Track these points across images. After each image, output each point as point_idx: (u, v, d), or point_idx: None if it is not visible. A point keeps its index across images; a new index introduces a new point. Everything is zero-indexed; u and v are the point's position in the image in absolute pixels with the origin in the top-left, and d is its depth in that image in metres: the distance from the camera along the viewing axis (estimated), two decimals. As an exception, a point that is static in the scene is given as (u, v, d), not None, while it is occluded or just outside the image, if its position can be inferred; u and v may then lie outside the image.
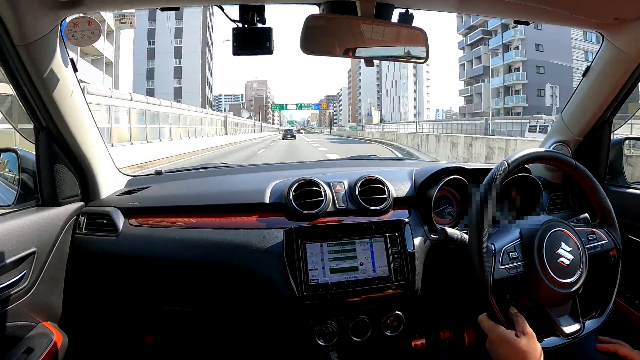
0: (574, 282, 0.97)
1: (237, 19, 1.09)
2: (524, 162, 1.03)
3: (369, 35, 1.07)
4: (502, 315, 0.95)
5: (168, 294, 1.30)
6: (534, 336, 0.92)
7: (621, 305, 1.37)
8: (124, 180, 1.50)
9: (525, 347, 0.90)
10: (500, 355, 0.93)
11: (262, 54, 1.10)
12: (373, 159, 1.98)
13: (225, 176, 1.63)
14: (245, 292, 1.23)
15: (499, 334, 0.94)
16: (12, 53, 1.00)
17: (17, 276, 1.05)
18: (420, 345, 1.31)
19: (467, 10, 1.26)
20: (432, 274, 1.21)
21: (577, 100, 1.43)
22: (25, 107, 1.13)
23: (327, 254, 1.14)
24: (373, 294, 1.14)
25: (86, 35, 1.32)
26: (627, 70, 1.26)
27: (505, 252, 0.98)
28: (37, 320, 1.15)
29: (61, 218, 1.21)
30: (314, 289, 1.11)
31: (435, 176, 1.32)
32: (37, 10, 0.98)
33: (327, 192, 1.28)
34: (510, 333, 0.93)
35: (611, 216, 1.10)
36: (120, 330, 1.42)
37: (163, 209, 1.31)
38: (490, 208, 0.97)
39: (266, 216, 1.26)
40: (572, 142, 1.48)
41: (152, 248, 1.23)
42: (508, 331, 0.93)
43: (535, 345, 0.92)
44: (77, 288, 1.26)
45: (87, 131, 1.25)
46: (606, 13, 1.13)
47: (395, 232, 1.19)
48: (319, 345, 1.14)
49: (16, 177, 1.24)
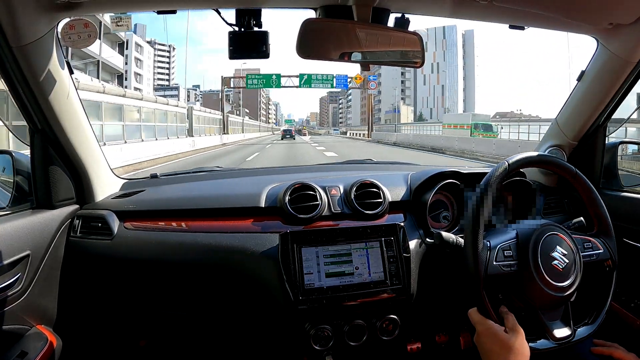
0: (567, 287, 0.98)
1: (234, 23, 1.10)
2: (524, 164, 1.04)
3: (365, 40, 1.07)
4: (492, 311, 0.96)
5: (163, 298, 1.30)
6: (522, 334, 0.93)
7: (616, 308, 1.38)
8: (119, 183, 1.50)
9: (513, 343, 0.90)
10: (487, 349, 0.93)
11: (258, 58, 1.11)
12: (369, 163, 1.98)
13: (221, 180, 1.63)
14: (240, 296, 1.22)
15: (488, 327, 0.94)
16: (8, 54, 1.00)
17: (11, 279, 1.05)
18: (415, 349, 1.30)
19: (462, 15, 1.27)
20: (428, 278, 1.21)
21: (571, 105, 1.44)
22: (20, 109, 1.12)
23: (323, 258, 1.14)
24: (368, 298, 1.14)
25: (82, 37, 1.32)
26: (622, 74, 1.27)
27: (500, 249, 0.99)
28: (31, 323, 1.14)
29: (56, 221, 1.20)
30: (310, 293, 1.11)
31: (430, 180, 1.33)
32: (33, 12, 0.98)
33: (322, 196, 1.28)
34: (500, 328, 0.93)
35: (608, 226, 1.10)
36: (115, 334, 1.42)
37: (158, 212, 1.30)
38: (486, 207, 0.97)
39: (261, 220, 1.26)
40: (567, 146, 1.49)
41: (146, 252, 1.23)
42: (497, 326, 0.94)
43: (523, 342, 0.92)
44: (72, 291, 1.25)
45: (82, 134, 1.24)
46: (601, 18, 1.14)
47: (390, 236, 1.19)
48: (315, 349, 1.14)
49: (10, 179, 1.24)
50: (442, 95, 69.29)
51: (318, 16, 1.09)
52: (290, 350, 1.26)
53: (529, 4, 1.08)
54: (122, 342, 1.44)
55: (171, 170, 1.82)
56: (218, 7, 1.15)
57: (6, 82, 1.07)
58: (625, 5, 1.08)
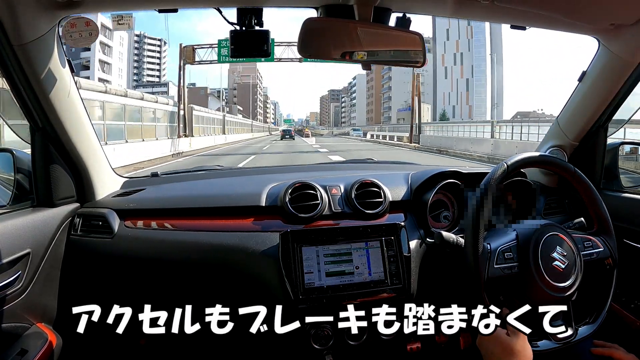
0: (568, 287, 0.98)
1: (235, 22, 1.09)
2: (523, 165, 1.04)
3: (366, 39, 1.07)
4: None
5: (163, 297, 1.30)
6: (524, 337, 0.93)
7: (616, 308, 1.38)
8: (119, 181, 1.50)
9: (515, 346, 0.91)
10: (490, 352, 0.94)
11: (260, 57, 1.11)
12: (369, 163, 1.98)
13: (221, 179, 1.63)
14: (240, 295, 1.22)
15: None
16: (9, 53, 1.00)
17: (11, 277, 1.05)
18: (415, 349, 1.30)
19: (463, 15, 1.27)
20: (428, 278, 1.21)
21: (572, 105, 1.44)
22: (21, 107, 1.12)
23: (323, 257, 1.15)
24: (368, 298, 1.14)
25: (83, 36, 1.32)
26: (623, 75, 1.27)
27: (501, 252, 0.99)
28: (31, 321, 1.14)
29: (56, 219, 1.20)
30: (310, 292, 1.11)
31: (431, 180, 1.33)
32: (34, 11, 0.98)
33: (323, 196, 1.28)
34: (502, 331, 0.94)
35: (608, 225, 1.10)
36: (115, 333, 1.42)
37: (158, 211, 1.30)
38: (486, 207, 0.97)
39: (262, 219, 1.26)
40: (568, 146, 1.49)
41: (147, 250, 1.23)
42: (499, 329, 0.94)
43: (525, 344, 0.92)
44: (72, 289, 1.25)
45: (83, 132, 1.24)
46: (602, 18, 1.14)
47: (391, 236, 1.19)
48: (315, 348, 1.14)
49: (11, 177, 1.24)
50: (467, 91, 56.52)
51: (319, 15, 1.09)
52: (290, 349, 1.26)
53: (531, 4, 1.08)
54: (122, 340, 1.44)
55: (172, 169, 1.82)
56: (219, 5, 1.15)
57: (7, 80, 1.07)
58: (627, 6, 1.08)
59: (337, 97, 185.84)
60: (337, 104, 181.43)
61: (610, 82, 1.30)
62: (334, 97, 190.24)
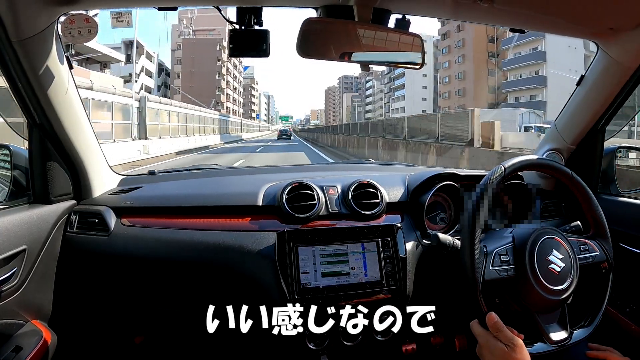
0: (564, 290, 0.98)
1: (235, 21, 1.09)
2: (520, 168, 1.04)
3: (365, 40, 1.07)
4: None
5: (158, 295, 1.30)
6: (522, 345, 0.93)
7: (612, 312, 1.38)
8: (116, 179, 1.49)
9: (513, 356, 0.91)
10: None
11: (259, 56, 1.11)
12: (367, 164, 1.98)
13: (219, 177, 1.62)
14: (236, 295, 1.22)
15: (489, 340, 0.94)
16: (7, 48, 0.99)
17: (7, 274, 1.05)
18: (410, 350, 1.30)
19: (463, 17, 1.27)
20: (424, 280, 1.21)
21: (570, 109, 1.44)
22: (19, 103, 1.12)
23: (319, 257, 1.14)
24: (364, 299, 1.14)
25: (83, 32, 1.31)
26: (621, 79, 1.27)
27: (497, 254, 1.00)
28: (26, 318, 1.14)
29: (53, 216, 1.20)
30: (306, 293, 1.11)
31: (428, 182, 1.33)
32: (34, 6, 0.97)
33: (320, 196, 1.28)
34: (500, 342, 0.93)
35: (604, 229, 1.11)
36: (110, 331, 1.41)
37: (155, 209, 1.30)
38: (483, 209, 0.98)
39: (258, 219, 1.26)
40: (565, 150, 1.49)
41: (143, 248, 1.23)
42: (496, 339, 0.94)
43: (523, 351, 0.92)
44: (68, 287, 1.25)
45: (80, 129, 1.24)
46: (601, 23, 1.14)
47: (387, 237, 1.19)
48: (310, 349, 1.14)
49: (8, 173, 1.24)
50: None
51: (319, 15, 1.09)
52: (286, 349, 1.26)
53: (530, 7, 1.08)
54: (117, 338, 1.44)
55: (169, 167, 1.81)
56: (219, 4, 1.15)
57: (5, 76, 1.06)
58: (626, 11, 1.08)
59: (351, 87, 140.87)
60: (354, 94, 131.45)
61: (608, 86, 1.30)
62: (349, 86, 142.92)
